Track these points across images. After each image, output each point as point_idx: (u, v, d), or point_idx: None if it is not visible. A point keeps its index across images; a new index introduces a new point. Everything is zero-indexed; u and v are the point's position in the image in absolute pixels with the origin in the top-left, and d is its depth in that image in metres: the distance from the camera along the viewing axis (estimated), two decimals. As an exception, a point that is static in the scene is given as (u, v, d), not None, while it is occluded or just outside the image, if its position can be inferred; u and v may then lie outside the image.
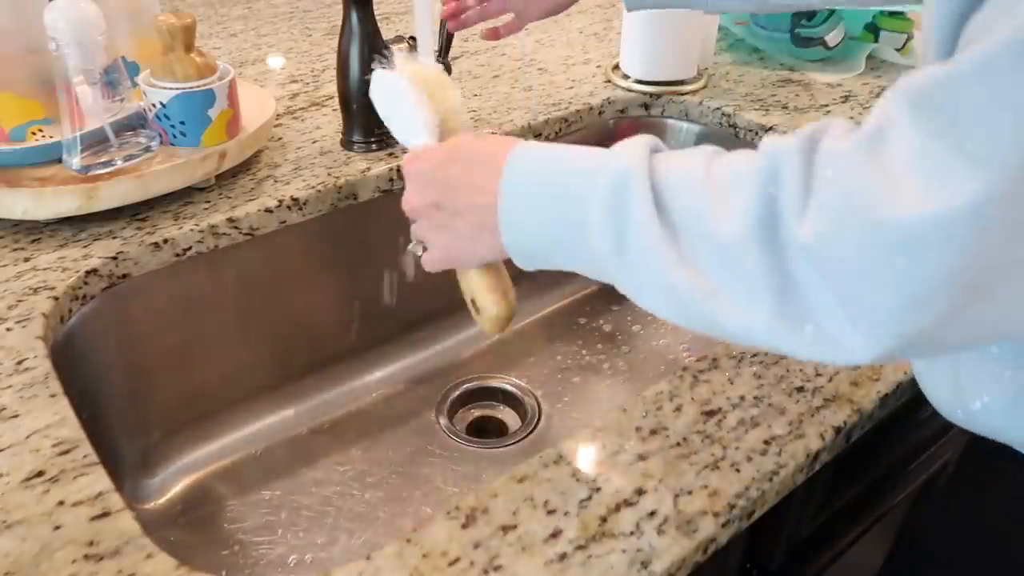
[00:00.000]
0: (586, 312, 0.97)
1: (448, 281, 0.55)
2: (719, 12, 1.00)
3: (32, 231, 0.68)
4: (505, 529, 0.45)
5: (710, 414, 0.53)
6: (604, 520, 0.45)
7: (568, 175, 0.43)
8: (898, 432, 0.71)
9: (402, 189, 0.80)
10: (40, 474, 0.47)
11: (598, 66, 1.04)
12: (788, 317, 0.36)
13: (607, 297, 0.99)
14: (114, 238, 0.67)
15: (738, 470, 0.49)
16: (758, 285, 0.36)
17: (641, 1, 0.80)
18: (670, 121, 0.97)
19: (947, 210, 0.30)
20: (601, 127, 0.96)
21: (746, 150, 0.38)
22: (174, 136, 0.71)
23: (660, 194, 0.39)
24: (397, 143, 0.82)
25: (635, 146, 0.41)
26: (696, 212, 0.38)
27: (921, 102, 0.32)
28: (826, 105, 0.94)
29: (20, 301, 0.60)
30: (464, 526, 0.45)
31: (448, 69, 0.82)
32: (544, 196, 0.43)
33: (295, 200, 0.73)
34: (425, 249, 0.52)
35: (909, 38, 1.06)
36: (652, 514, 0.46)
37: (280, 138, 0.84)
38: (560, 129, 0.91)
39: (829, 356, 0.36)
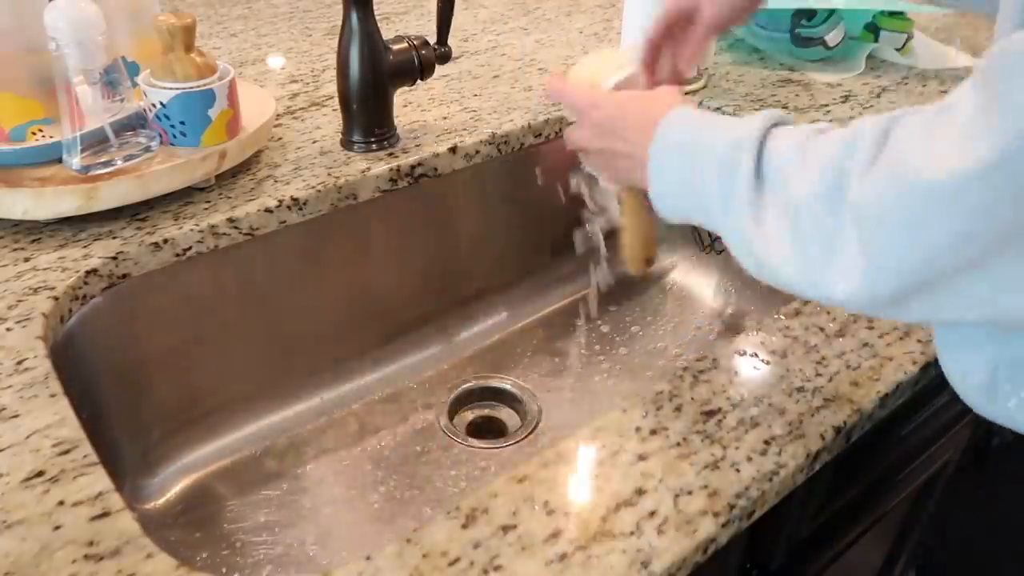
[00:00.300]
0: (586, 312, 0.97)
1: (448, 281, 0.55)
2: None
3: (32, 231, 0.68)
4: (505, 529, 0.45)
5: (710, 414, 0.53)
6: (604, 520, 0.45)
7: (698, 145, 0.48)
8: (898, 432, 0.71)
9: (399, 190, 0.81)
10: (40, 474, 0.47)
11: (598, 66, 1.04)
12: (816, 257, 0.40)
13: (607, 298, 0.99)
14: (114, 238, 0.67)
15: (738, 470, 0.49)
16: (812, 241, 0.40)
17: None
18: (670, 121, 0.97)
19: (962, 170, 0.33)
20: (601, 127, 0.96)
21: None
22: (174, 136, 0.71)
23: (762, 164, 0.44)
24: (397, 143, 0.82)
25: (756, 119, 0.45)
26: (782, 177, 0.42)
27: (981, 71, 0.35)
28: (826, 105, 0.94)
29: (20, 301, 0.60)
30: (464, 526, 0.45)
31: (447, 57, 0.82)
32: (680, 166, 0.49)
33: (295, 200, 0.73)
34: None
35: (909, 38, 1.06)
36: (652, 514, 0.46)
37: (280, 138, 0.84)
38: (560, 129, 0.91)
39: (825, 289, 0.40)
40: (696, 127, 0.49)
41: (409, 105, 0.91)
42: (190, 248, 0.69)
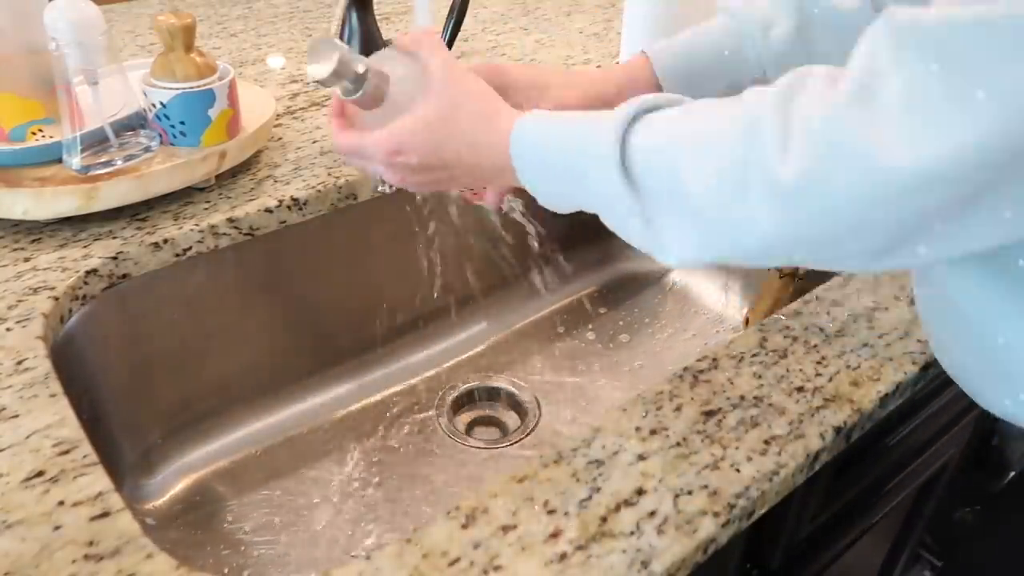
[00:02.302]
0: (586, 313, 0.97)
1: (449, 280, 0.55)
2: None
3: (32, 231, 0.68)
4: (505, 529, 0.45)
5: (710, 414, 0.53)
6: (604, 520, 0.45)
7: (565, 151, 0.46)
8: (898, 432, 0.71)
9: (399, 189, 0.81)
10: (40, 474, 0.47)
11: (598, 66, 1.04)
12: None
13: (607, 298, 0.99)
14: (114, 238, 0.67)
15: (738, 470, 0.49)
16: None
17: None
18: (670, 121, 0.97)
19: (936, 157, 0.32)
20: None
21: (726, 103, 0.40)
22: (174, 136, 0.71)
23: (631, 166, 0.42)
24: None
25: (614, 121, 0.43)
26: (668, 183, 0.41)
27: (914, 44, 0.32)
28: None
29: (20, 301, 0.60)
30: (464, 526, 0.45)
31: None
32: (550, 172, 0.47)
33: (295, 200, 0.73)
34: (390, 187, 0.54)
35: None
36: (652, 514, 0.46)
37: (280, 138, 0.84)
38: (560, 129, 0.91)
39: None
40: (553, 134, 0.47)
41: (409, 105, 0.91)
42: (190, 248, 0.69)
